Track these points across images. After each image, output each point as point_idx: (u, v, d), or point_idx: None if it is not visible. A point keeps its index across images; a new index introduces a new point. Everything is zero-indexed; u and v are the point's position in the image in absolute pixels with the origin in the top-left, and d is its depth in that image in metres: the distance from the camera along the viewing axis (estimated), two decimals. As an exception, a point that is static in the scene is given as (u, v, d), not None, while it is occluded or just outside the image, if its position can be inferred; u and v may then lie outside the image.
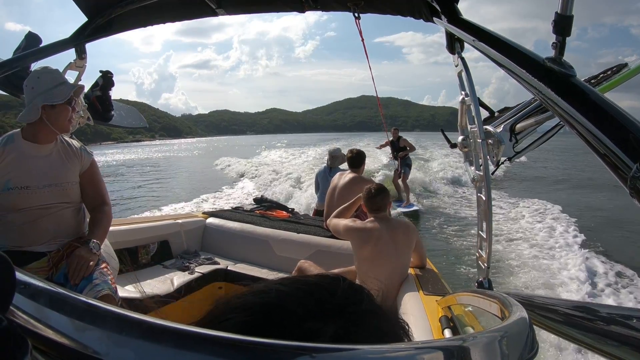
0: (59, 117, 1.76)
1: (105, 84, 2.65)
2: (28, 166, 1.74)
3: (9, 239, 1.73)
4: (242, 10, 2.10)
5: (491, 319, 0.74)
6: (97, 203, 1.94)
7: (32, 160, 1.76)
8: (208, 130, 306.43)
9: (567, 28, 0.84)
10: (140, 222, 3.20)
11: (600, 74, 1.43)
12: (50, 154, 1.81)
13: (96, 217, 1.91)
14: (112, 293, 1.69)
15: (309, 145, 33.67)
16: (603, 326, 0.61)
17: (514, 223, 7.59)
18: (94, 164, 1.97)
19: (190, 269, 2.92)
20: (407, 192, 8.40)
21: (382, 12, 1.89)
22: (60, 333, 0.26)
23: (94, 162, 1.98)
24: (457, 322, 1.57)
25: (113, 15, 2.00)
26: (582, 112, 0.74)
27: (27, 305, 0.28)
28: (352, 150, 3.82)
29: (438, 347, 0.28)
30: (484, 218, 1.62)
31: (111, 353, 0.24)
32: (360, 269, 2.38)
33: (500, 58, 0.99)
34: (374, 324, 0.34)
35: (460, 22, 1.30)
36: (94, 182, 1.95)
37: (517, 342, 0.36)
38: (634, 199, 0.63)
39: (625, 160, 0.64)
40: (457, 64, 1.62)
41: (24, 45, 2.21)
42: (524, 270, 5.05)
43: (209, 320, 0.33)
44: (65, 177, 1.83)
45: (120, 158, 34.34)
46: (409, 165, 8.37)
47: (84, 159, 1.92)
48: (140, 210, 9.70)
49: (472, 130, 1.57)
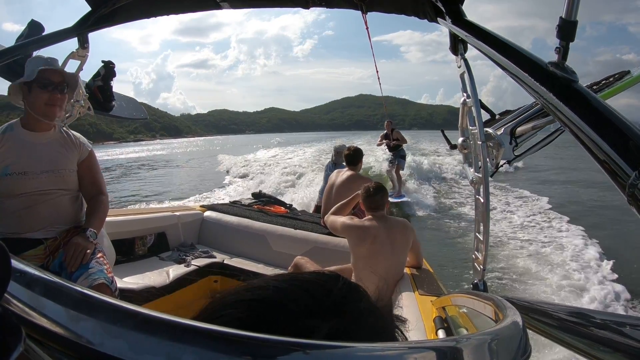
0: (35, 101, 1.76)
1: (107, 74, 2.65)
2: (26, 152, 1.76)
3: (6, 226, 1.73)
4: (246, 4, 2.09)
5: (485, 321, 0.74)
6: (94, 192, 1.95)
7: (31, 147, 1.78)
8: (207, 129, 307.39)
9: (571, 33, 0.84)
10: (137, 213, 3.20)
11: (602, 81, 1.44)
12: (48, 142, 1.83)
13: (93, 206, 1.92)
14: (108, 283, 1.69)
15: (304, 144, 33.55)
16: (597, 332, 0.62)
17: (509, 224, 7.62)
18: (92, 155, 1.98)
19: (187, 262, 2.92)
20: (399, 183, 8.53)
21: (386, 11, 1.88)
22: (54, 322, 0.26)
23: (92, 153, 2.00)
24: (451, 323, 1.58)
25: (117, 5, 1.99)
26: (583, 118, 0.74)
27: (22, 293, 0.28)
28: (350, 147, 3.81)
29: (431, 347, 0.29)
30: (481, 220, 1.62)
31: (105, 343, 0.24)
32: (357, 266, 2.39)
33: (502, 61, 0.99)
34: (370, 322, 0.34)
35: (464, 24, 1.30)
36: (91, 171, 1.96)
37: (510, 344, 0.36)
38: (631, 206, 0.63)
39: (624, 168, 0.64)
40: (459, 65, 1.62)
41: (27, 33, 2.20)
42: (519, 271, 5.08)
43: (205, 316, 0.33)
44: (63, 164, 1.85)
45: (133, 156, 34.71)
46: (403, 156, 8.47)
47: (82, 149, 1.94)
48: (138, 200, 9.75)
49: (473, 132, 1.57)
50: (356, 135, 46.29)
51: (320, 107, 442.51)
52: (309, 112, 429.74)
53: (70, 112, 2.42)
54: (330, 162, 4.61)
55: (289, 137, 73.99)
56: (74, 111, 2.43)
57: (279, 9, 2.20)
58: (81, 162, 1.93)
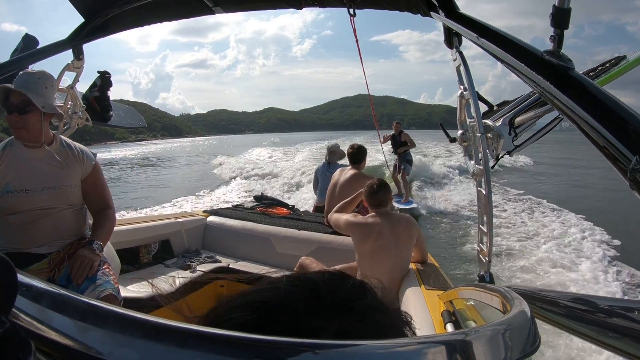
0: (8, 124, 1.71)
1: (104, 85, 2.65)
2: (27, 169, 1.73)
3: (9, 241, 1.73)
4: (239, 7, 2.09)
5: (493, 312, 0.74)
6: (100, 207, 1.92)
7: (31, 164, 1.75)
8: (207, 129, 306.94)
9: (565, 21, 0.84)
10: (141, 221, 3.20)
11: (599, 67, 1.43)
12: (49, 158, 1.79)
13: (100, 220, 1.89)
14: (115, 293, 1.69)
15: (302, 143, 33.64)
16: (604, 318, 0.61)
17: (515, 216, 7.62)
18: (96, 168, 1.93)
19: (192, 268, 2.92)
20: (406, 189, 8.17)
21: (379, 7, 1.87)
22: (63, 334, 0.26)
23: (97, 166, 1.94)
24: (459, 316, 1.58)
25: (110, 15, 2.00)
26: (581, 105, 0.73)
27: (30, 307, 0.28)
28: (353, 145, 3.73)
29: (441, 342, 0.29)
30: (484, 212, 1.62)
31: (114, 353, 0.24)
32: (361, 264, 2.39)
33: (498, 52, 0.99)
34: (377, 319, 0.34)
35: (458, 16, 1.29)
36: (97, 187, 1.92)
37: (519, 335, 0.36)
38: (633, 191, 0.63)
39: (624, 153, 0.64)
40: (455, 58, 1.61)
41: (21, 47, 2.20)
42: (526, 262, 5.07)
43: (212, 319, 0.33)
44: (65, 181, 1.81)
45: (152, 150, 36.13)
46: (409, 161, 8.11)
47: (86, 164, 1.88)
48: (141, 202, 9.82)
49: (472, 124, 1.57)
50: (355, 135, 46.37)
51: (319, 107, 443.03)
52: (307, 112, 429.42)
53: (69, 124, 2.43)
54: (325, 162, 4.56)
55: (291, 137, 74.02)
56: (72, 123, 2.44)
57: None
58: (85, 178, 1.88)
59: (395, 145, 8.08)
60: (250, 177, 13.67)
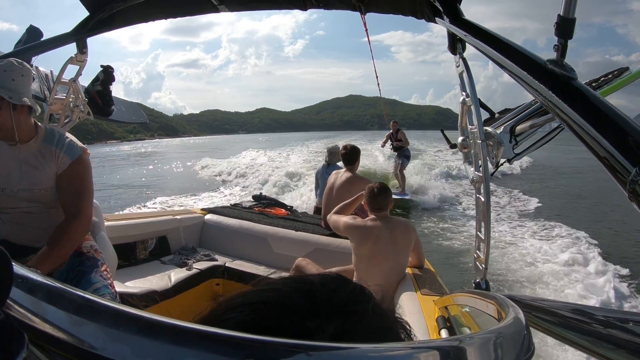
0: None
1: (106, 79, 2.64)
2: (4, 168, 1.61)
3: (4, 233, 1.70)
4: (244, 6, 2.09)
5: (488, 320, 0.74)
6: (68, 213, 1.64)
7: (8, 162, 1.62)
8: (201, 129, 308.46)
9: (570, 30, 0.84)
10: (138, 217, 3.20)
11: (602, 78, 1.43)
12: (26, 156, 1.62)
13: (56, 233, 1.58)
14: (112, 298, 1.67)
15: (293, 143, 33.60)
16: (600, 329, 0.61)
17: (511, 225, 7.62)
18: (73, 166, 1.65)
19: (188, 265, 2.92)
20: (403, 182, 9.14)
21: (384, 12, 1.88)
22: (57, 327, 0.26)
23: (76, 163, 1.66)
24: (454, 322, 1.58)
25: (115, 10, 2.00)
26: (583, 115, 0.74)
27: (25, 299, 0.28)
28: (346, 146, 3.65)
29: (434, 347, 0.28)
30: (482, 219, 1.62)
31: (108, 348, 0.24)
32: (358, 267, 2.39)
33: (501, 59, 0.99)
34: (374, 323, 0.34)
35: (462, 23, 1.30)
36: (70, 187, 1.65)
37: (513, 343, 0.36)
38: (632, 202, 0.63)
39: (624, 164, 0.64)
40: (458, 64, 1.61)
41: (25, 39, 2.20)
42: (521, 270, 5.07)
43: (210, 319, 0.33)
44: (39, 183, 1.63)
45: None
46: (407, 156, 9.13)
47: (60, 160, 1.64)
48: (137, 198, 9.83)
49: (472, 131, 1.57)
50: (348, 135, 46.43)
51: (311, 108, 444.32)
52: (299, 112, 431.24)
53: (70, 117, 2.42)
54: (324, 163, 4.56)
55: (282, 137, 73.95)
56: (74, 116, 2.43)
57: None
58: (59, 175, 1.64)
59: (393, 143, 9.07)
60: (241, 183, 13.77)
